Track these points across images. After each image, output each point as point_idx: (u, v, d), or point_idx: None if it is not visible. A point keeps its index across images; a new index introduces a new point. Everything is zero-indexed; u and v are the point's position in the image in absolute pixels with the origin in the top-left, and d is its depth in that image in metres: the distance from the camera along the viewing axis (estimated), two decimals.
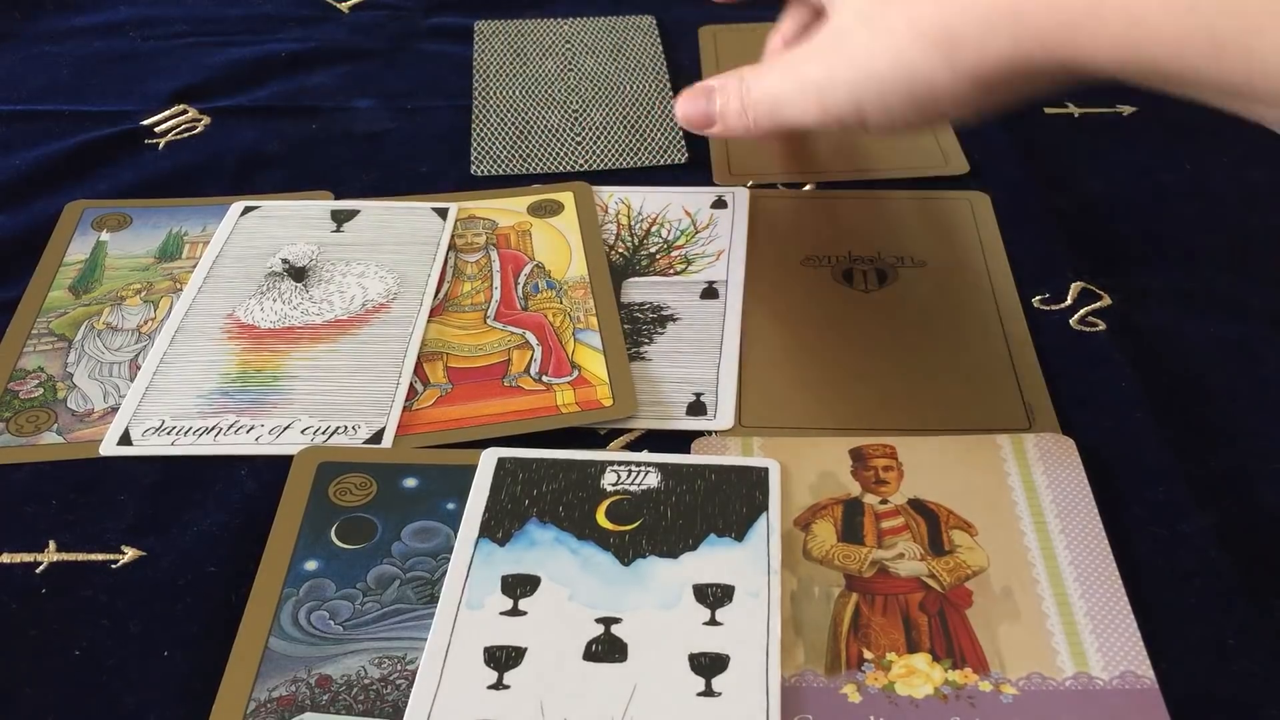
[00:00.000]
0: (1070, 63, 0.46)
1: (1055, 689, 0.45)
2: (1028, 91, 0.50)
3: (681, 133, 0.74)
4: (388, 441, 0.55)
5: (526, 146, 0.73)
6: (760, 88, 0.56)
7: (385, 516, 0.51)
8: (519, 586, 0.48)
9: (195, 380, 0.58)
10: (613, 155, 0.72)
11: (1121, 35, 0.43)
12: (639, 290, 0.63)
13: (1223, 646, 0.46)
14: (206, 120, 0.77)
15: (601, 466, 0.53)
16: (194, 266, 0.65)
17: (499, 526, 0.50)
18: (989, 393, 0.57)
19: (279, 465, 0.54)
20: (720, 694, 0.44)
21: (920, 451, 0.54)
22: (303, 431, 0.55)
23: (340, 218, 0.68)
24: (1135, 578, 0.48)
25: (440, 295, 0.63)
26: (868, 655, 0.46)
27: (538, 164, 0.72)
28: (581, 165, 0.72)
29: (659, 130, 0.74)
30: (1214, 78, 0.42)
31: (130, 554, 0.51)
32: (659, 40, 0.83)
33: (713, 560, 0.49)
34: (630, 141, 0.73)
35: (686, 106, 0.60)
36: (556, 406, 0.56)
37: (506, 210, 0.69)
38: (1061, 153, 0.73)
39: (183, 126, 0.76)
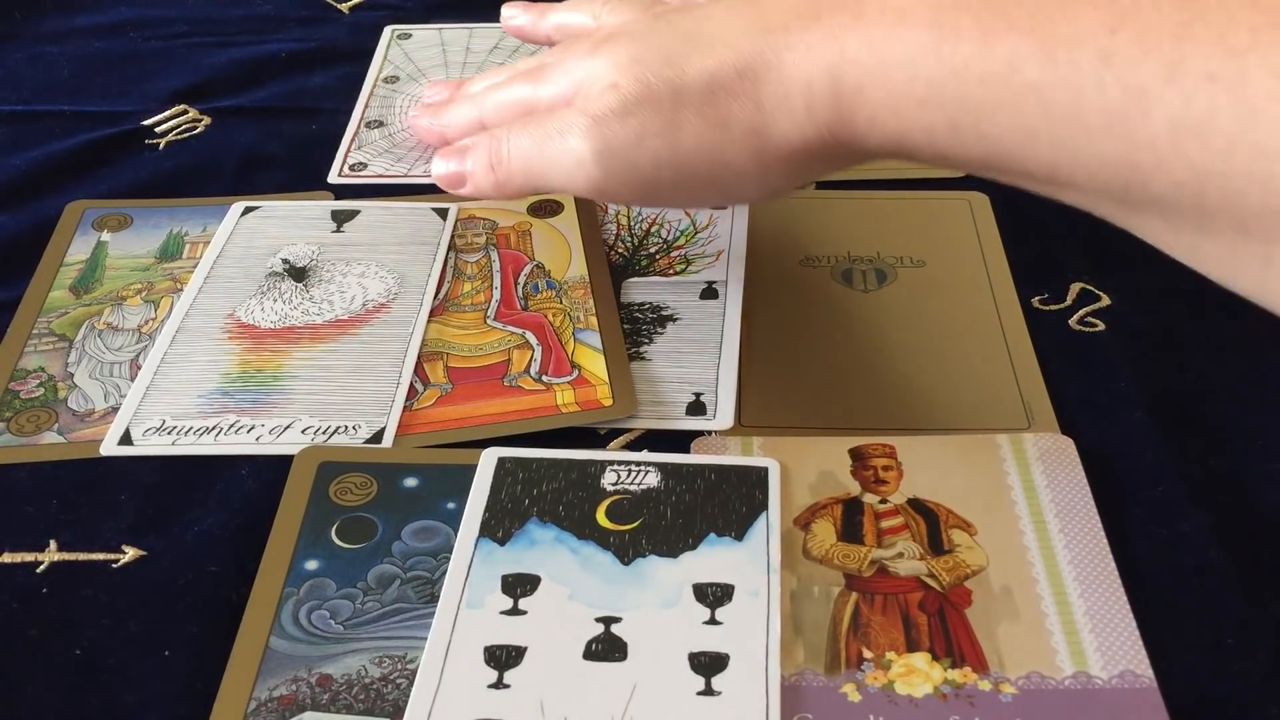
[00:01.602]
0: (849, 140, 0.48)
1: (1054, 688, 0.45)
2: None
3: None
4: (388, 441, 0.55)
5: None
6: (515, 147, 0.54)
7: (386, 516, 0.51)
8: (519, 586, 0.48)
9: (196, 380, 0.58)
10: None
11: (886, 120, 0.46)
12: (639, 290, 0.63)
13: (1222, 646, 0.46)
14: (207, 120, 0.77)
15: (601, 466, 0.53)
16: (194, 266, 0.65)
17: (499, 526, 0.50)
18: (988, 392, 0.57)
19: (279, 465, 0.54)
20: (720, 693, 0.44)
21: (920, 451, 0.54)
22: (303, 431, 0.55)
23: (340, 218, 0.68)
24: (1134, 577, 0.48)
25: (440, 295, 0.63)
26: (867, 654, 0.46)
27: None
28: None
29: None
30: (964, 158, 0.45)
31: (131, 553, 0.51)
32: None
33: (712, 559, 0.49)
34: None
35: (439, 166, 0.59)
36: (556, 406, 0.56)
37: (506, 210, 0.69)
38: None
39: (183, 127, 0.77)
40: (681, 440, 0.55)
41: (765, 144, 0.49)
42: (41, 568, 0.51)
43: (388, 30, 0.85)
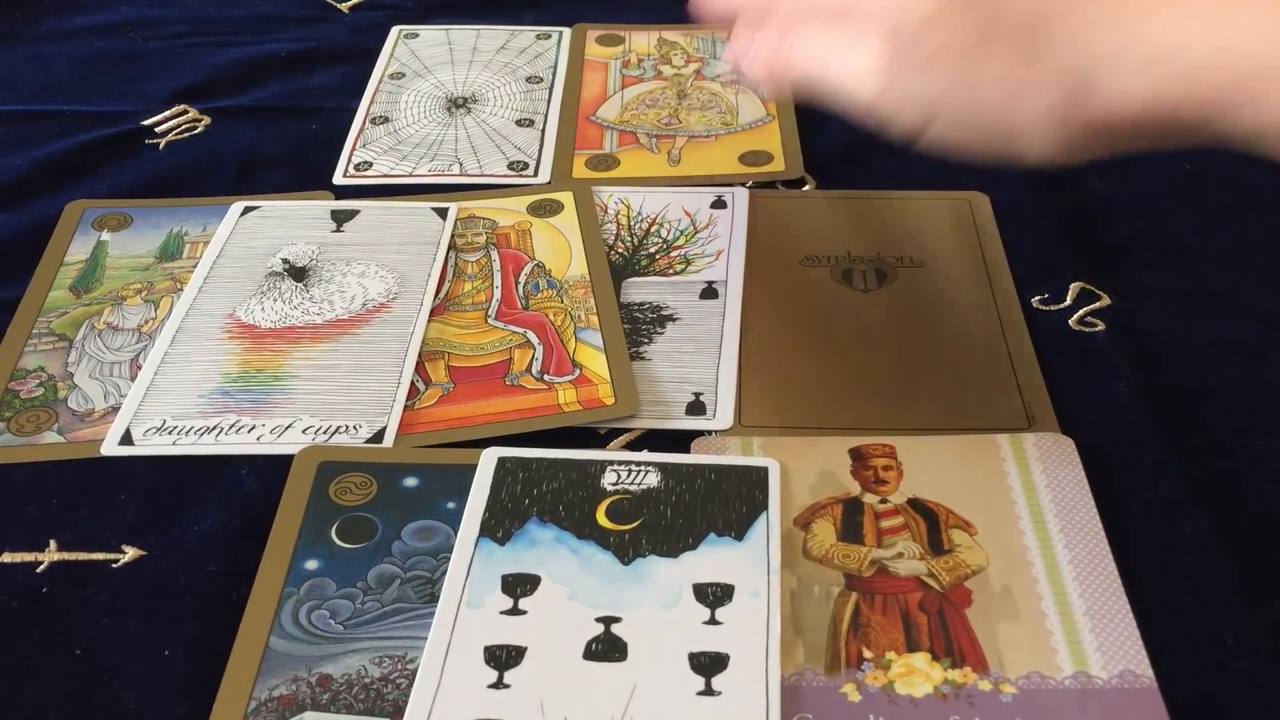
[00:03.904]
0: (1218, 122, 0.43)
1: (1054, 688, 0.45)
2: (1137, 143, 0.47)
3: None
4: (389, 441, 0.55)
5: None
6: (801, 51, 0.49)
7: (386, 516, 0.51)
8: (519, 585, 0.48)
9: (196, 380, 0.58)
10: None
11: None
12: (639, 290, 0.63)
13: (1222, 646, 0.46)
14: (207, 120, 0.77)
15: (601, 466, 0.53)
16: (194, 266, 0.65)
17: (499, 526, 0.50)
18: (988, 392, 0.57)
19: (280, 464, 0.54)
20: (720, 693, 0.44)
21: (920, 451, 0.54)
22: (304, 431, 0.55)
23: (340, 217, 0.68)
24: (1135, 577, 0.48)
25: (441, 295, 0.63)
26: (867, 654, 0.46)
27: None
28: None
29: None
30: None
31: (131, 553, 0.51)
32: None
33: (713, 559, 0.49)
34: None
35: (732, 50, 0.53)
36: (558, 405, 0.56)
37: (506, 210, 0.69)
38: None
39: (183, 126, 0.77)
40: (681, 440, 0.55)
41: (1078, 95, 0.43)
42: (41, 568, 0.51)
43: (395, 30, 0.85)
